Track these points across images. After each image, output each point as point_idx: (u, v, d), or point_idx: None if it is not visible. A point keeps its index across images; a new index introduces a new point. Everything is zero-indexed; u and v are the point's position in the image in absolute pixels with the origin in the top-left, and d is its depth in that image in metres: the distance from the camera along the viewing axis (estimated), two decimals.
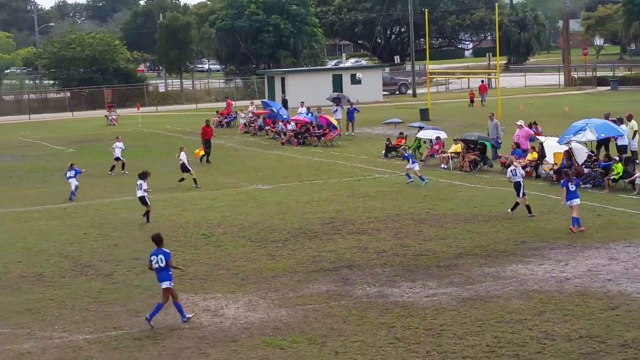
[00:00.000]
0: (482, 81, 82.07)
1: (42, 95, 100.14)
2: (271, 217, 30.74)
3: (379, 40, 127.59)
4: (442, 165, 40.49)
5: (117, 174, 42.89)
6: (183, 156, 37.91)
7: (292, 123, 54.27)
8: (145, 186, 30.48)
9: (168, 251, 19.71)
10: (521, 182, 29.05)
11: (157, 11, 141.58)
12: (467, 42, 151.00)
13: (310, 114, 55.39)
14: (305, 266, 23.91)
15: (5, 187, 41.44)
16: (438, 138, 42.60)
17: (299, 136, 52.72)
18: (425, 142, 44.34)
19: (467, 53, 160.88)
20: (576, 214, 26.45)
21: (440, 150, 41.82)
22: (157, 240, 19.68)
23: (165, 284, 19.44)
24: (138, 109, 75.66)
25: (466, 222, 28.68)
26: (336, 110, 57.56)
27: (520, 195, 28.97)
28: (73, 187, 36.27)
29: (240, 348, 17.71)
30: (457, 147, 40.73)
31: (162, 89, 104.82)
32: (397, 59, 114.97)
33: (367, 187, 36.40)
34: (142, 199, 30.71)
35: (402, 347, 17.28)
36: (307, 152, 48.73)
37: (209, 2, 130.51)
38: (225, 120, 66.55)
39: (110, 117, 73.95)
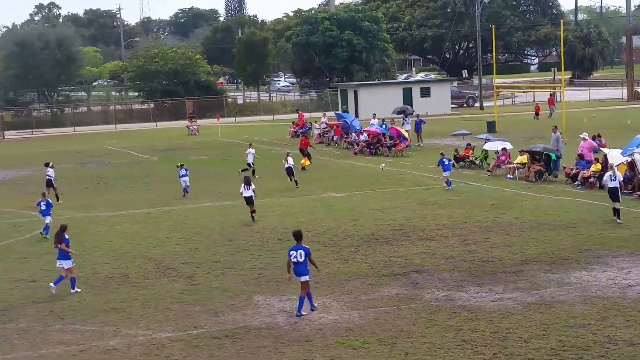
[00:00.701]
0: (550, 94, 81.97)
1: (128, 106, 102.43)
2: (344, 224, 31.26)
3: (448, 55, 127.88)
4: (508, 176, 40.80)
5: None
6: (290, 161, 40.18)
7: (365, 134, 54.96)
8: (252, 186, 32.15)
9: (308, 247, 20.50)
10: (618, 187, 29.20)
11: (235, 27, 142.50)
12: (533, 57, 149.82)
13: (384, 125, 56.12)
14: (376, 270, 24.40)
15: (93, 192, 42.54)
16: (504, 149, 42.88)
17: (371, 146, 53.38)
18: (496, 152, 44.70)
19: (532, 68, 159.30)
20: None
21: (506, 161, 42.07)
22: (298, 236, 20.57)
23: (304, 278, 20.28)
24: (218, 120, 76.97)
25: (531, 230, 28.93)
26: (404, 122, 58.42)
27: (620, 201, 29.25)
28: (185, 185, 38.31)
29: (314, 347, 18.23)
30: (523, 158, 41.04)
31: (240, 101, 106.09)
32: (464, 73, 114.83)
33: (435, 195, 36.80)
34: (249, 199, 32.11)
35: (469, 349, 17.68)
36: (378, 161, 48.93)
37: (285, 19, 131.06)
38: (300, 130, 67.42)
39: (191, 127, 75.52)
